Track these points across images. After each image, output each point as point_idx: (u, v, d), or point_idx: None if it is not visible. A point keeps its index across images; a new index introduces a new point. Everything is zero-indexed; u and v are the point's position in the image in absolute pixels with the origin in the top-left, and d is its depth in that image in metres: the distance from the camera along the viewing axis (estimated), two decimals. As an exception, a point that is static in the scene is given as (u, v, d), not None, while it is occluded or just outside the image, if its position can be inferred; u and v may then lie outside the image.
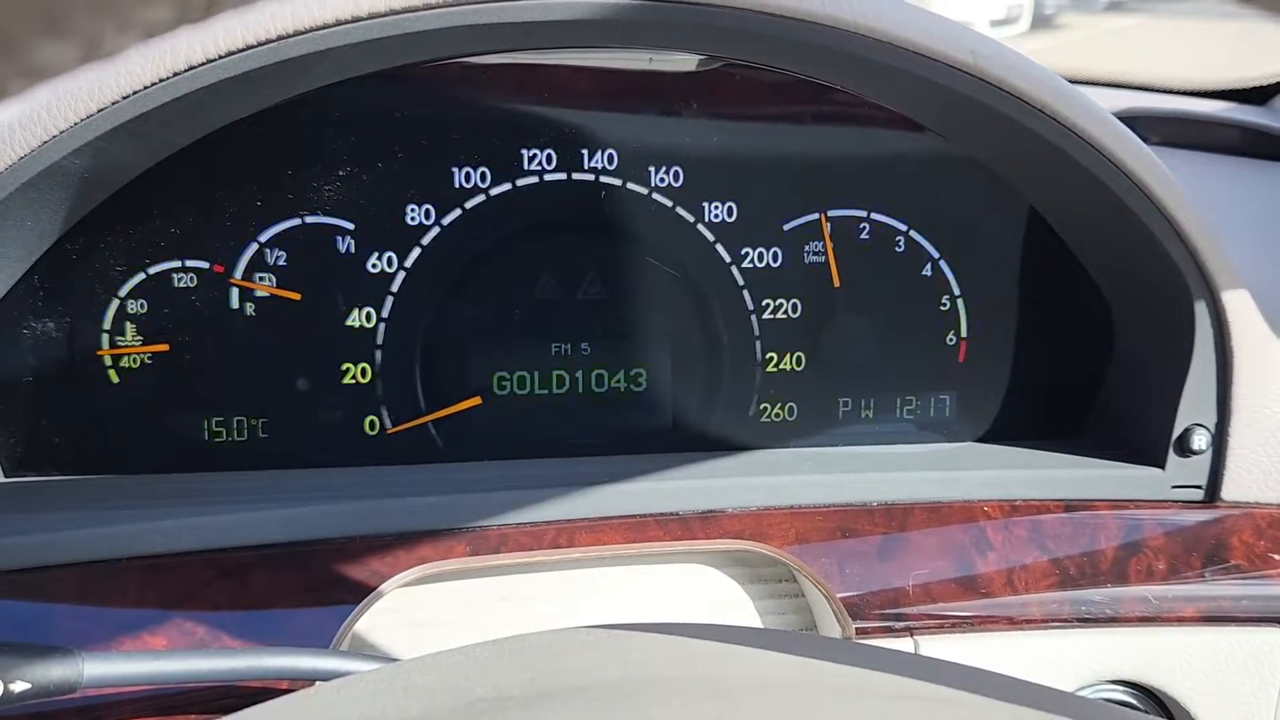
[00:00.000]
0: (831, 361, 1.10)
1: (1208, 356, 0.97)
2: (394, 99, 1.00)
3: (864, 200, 1.08)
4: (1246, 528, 0.98)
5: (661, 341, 1.08)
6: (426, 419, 1.05)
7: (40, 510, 0.88)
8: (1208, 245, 0.91)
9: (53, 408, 0.98)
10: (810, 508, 0.97)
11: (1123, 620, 0.94)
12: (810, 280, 1.08)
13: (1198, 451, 0.99)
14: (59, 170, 0.78)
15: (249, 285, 1.00)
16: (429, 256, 1.03)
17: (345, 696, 0.57)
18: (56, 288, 0.96)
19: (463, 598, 0.97)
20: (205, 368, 1.01)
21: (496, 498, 0.93)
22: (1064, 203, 1.02)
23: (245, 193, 0.99)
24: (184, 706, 0.81)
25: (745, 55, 0.94)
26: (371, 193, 1.01)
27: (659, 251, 1.06)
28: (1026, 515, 0.98)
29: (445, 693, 0.56)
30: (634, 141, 1.04)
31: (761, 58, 0.94)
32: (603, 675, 0.57)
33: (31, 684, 0.62)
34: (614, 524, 0.94)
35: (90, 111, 0.74)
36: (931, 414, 1.12)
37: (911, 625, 0.93)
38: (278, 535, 0.89)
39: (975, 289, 1.10)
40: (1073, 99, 0.85)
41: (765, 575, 1.01)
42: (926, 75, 0.84)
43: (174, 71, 0.74)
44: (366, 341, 1.03)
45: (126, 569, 0.85)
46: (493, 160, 1.02)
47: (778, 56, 0.93)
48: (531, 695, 0.54)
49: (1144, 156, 0.88)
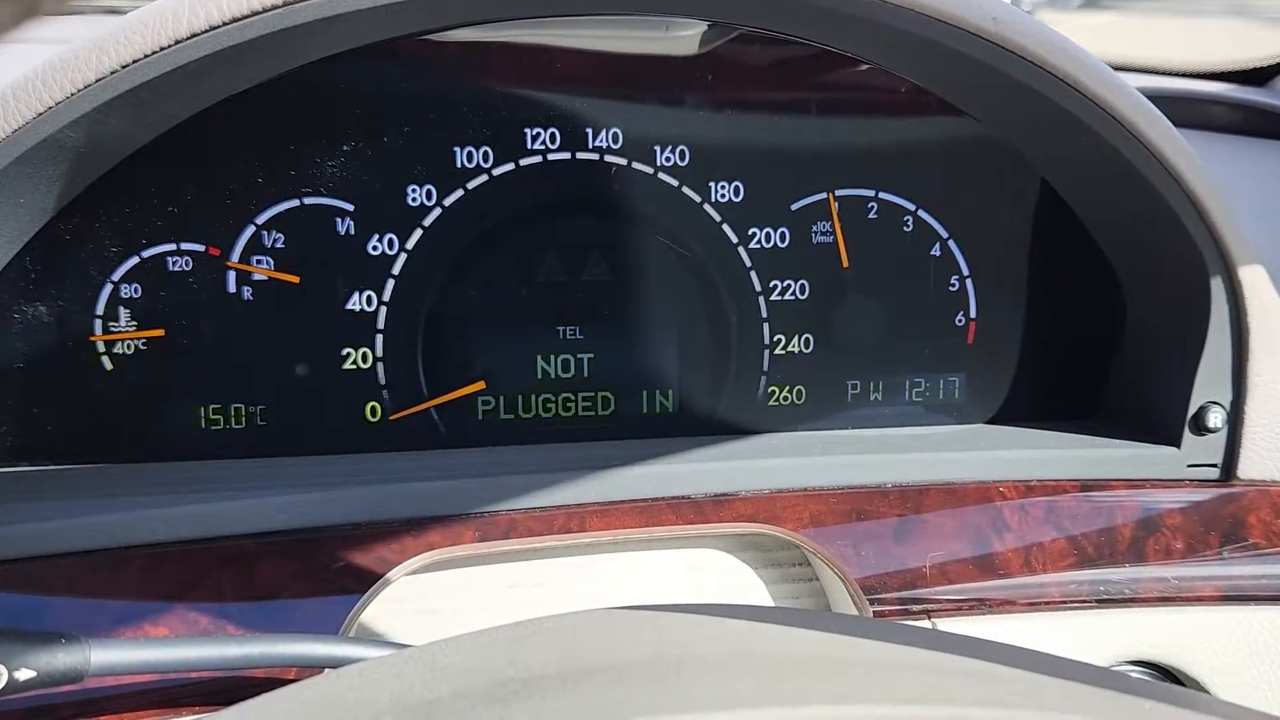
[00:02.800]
0: (840, 343, 1.08)
1: (1223, 334, 0.96)
2: (395, 76, 0.97)
3: (872, 180, 1.06)
4: (1263, 505, 0.97)
5: (668, 324, 1.06)
6: (429, 404, 1.03)
7: (35, 499, 0.86)
8: (1226, 221, 0.90)
9: (45, 395, 0.95)
10: (824, 490, 0.95)
11: (1141, 600, 0.93)
12: (818, 261, 1.07)
13: (1213, 430, 0.98)
14: (55, 143, 0.76)
15: (246, 268, 0.98)
16: (431, 238, 1.00)
17: (371, 678, 0.55)
18: (49, 270, 0.93)
19: (471, 585, 0.95)
20: (202, 353, 0.98)
21: (505, 482, 0.91)
22: (1081, 177, 1.00)
23: (242, 172, 0.96)
24: (186, 699, 0.78)
25: (762, 23, 0.92)
26: (371, 173, 0.98)
27: (665, 232, 1.04)
28: (1042, 496, 0.96)
29: (475, 673, 0.54)
30: (639, 121, 1.02)
31: (779, 25, 0.92)
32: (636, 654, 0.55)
33: (38, 672, 0.60)
34: (625, 508, 0.92)
35: (88, 81, 0.71)
36: (941, 396, 1.10)
37: (929, 607, 0.92)
38: (282, 523, 0.86)
39: (984, 269, 1.09)
40: (1095, 69, 0.84)
41: (778, 559, 1.00)
42: (946, 42, 0.82)
43: (176, 39, 0.72)
44: (367, 325, 1.01)
45: (128, 558, 0.82)
46: (495, 140, 1.00)
47: (795, 23, 0.91)
48: (566, 674, 0.52)
49: (1166, 130, 0.87)
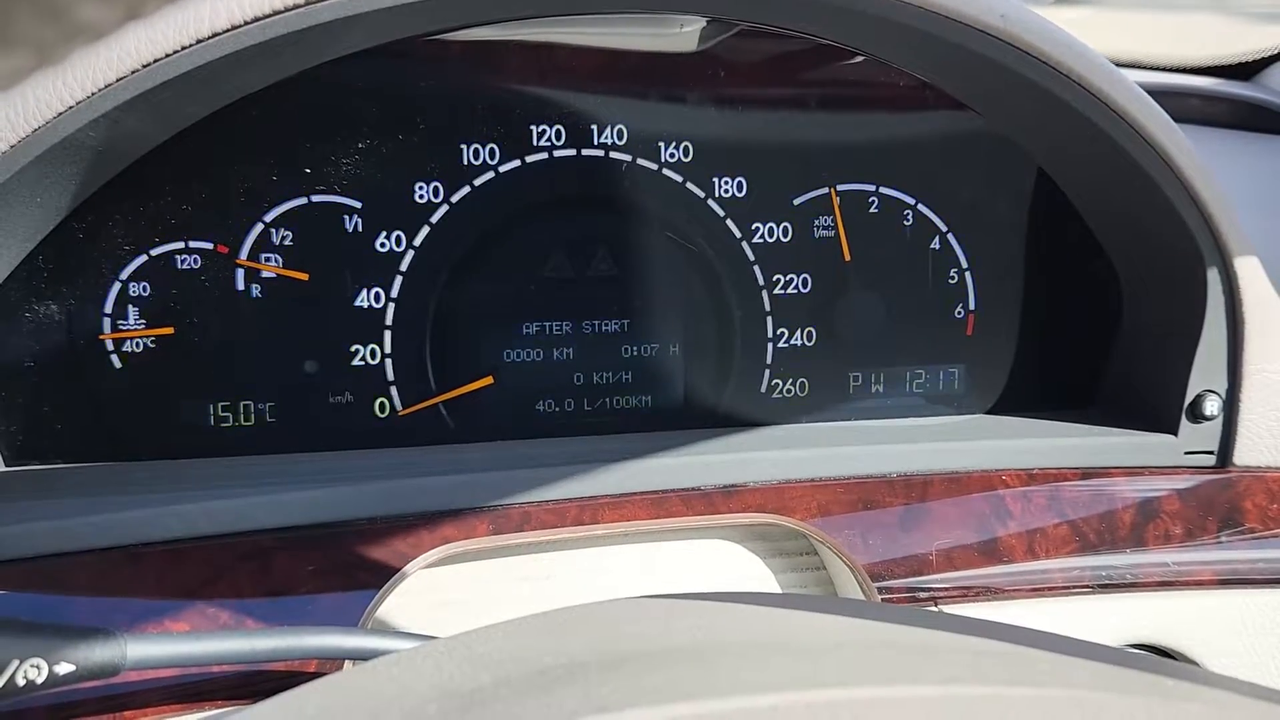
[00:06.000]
0: (842, 336, 1.10)
1: (1219, 323, 0.98)
2: (402, 75, 0.98)
3: (872, 174, 1.08)
4: (1259, 491, 0.99)
5: (672, 318, 1.07)
6: (438, 399, 1.03)
7: (50, 497, 0.86)
8: (1222, 212, 0.92)
9: (55, 394, 0.96)
10: (831, 480, 0.97)
11: (1142, 585, 0.95)
12: (820, 255, 1.08)
13: (1210, 417, 1.00)
14: (74, 143, 0.76)
15: (255, 266, 0.98)
16: (438, 235, 1.01)
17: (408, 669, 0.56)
18: (60, 269, 0.93)
19: (486, 577, 0.96)
20: (210, 351, 0.99)
21: (518, 476, 0.92)
22: (1080, 170, 1.02)
23: (250, 170, 0.97)
24: (211, 693, 0.79)
25: (774, 19, 0.93)
26: (379, 170, 0.99)
27: (670, 227, 1.05)
28: (1044, 484, 0.98)
29: (514, 662, 0.55)
30: (643, 117, 1.03)
31: (786, 20, 0.93)
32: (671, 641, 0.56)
33: (76, 665, 0.60)
34: (637, 500, 0.93)
35: (109, 80, 0.72)
36: (941, 387, 1.12)
37: (936, 594, 0.93)
38: (299, 518, 0.87)
39: (983, 262, 1.10)
40: (1098, 65, 0.85)
41: (786, 549, 1.01)
42: (955, 39, 0.84)
43: (198, 38, 0.72)
44: (375, 322, 1.01)
45: (145, 555, 0.82)
46: (502, 137, 1.01)
47: (802, 19, 0.92)
48: (606, 661, 0.53)
49: (1165, 124, 0.89)
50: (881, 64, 1.03)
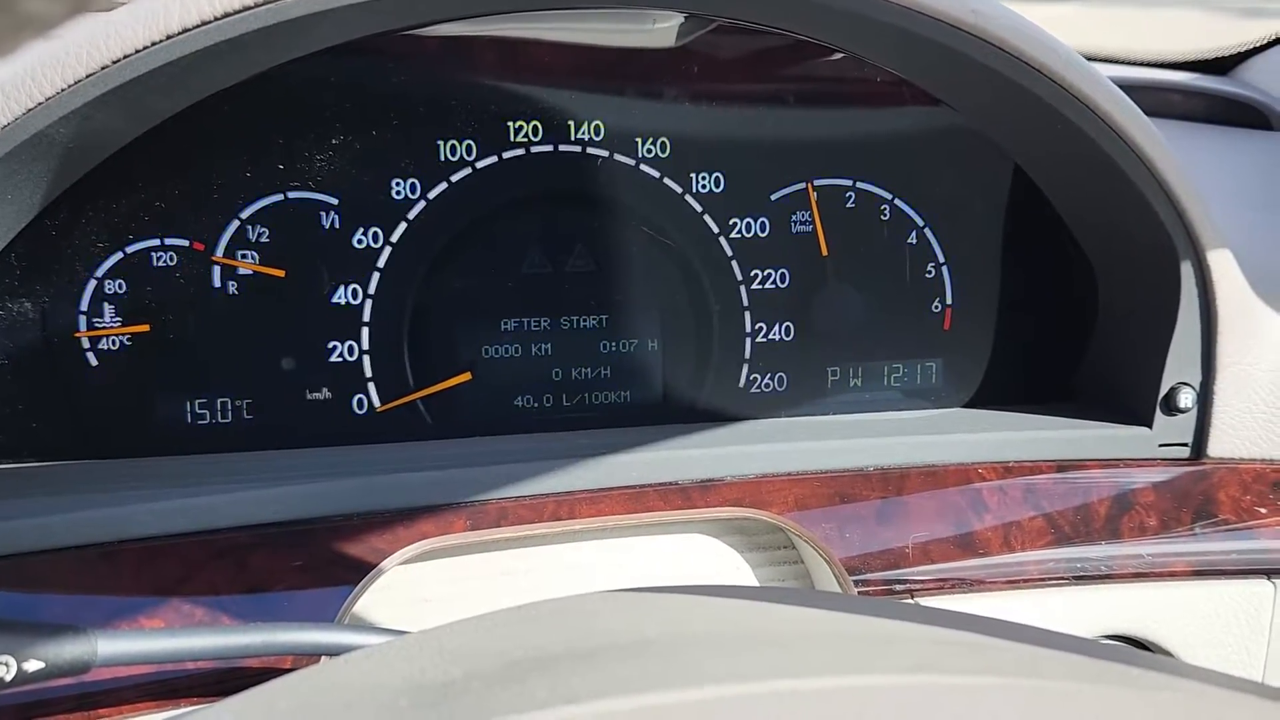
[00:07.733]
0: (819, 331, 1.10)
1: (1193, 316, 0.98)
2: (378, 71, 0.98)
3: (849, 169, 1.08)
4: (1233, 483, 1.00)
5: (651, 314, 1.07)
6: (416, 396, 1.03)
7: (24, 495, 0.85)
8: (1195, 205, 0.93)
9: (30, 392, 0.95)
10: (808, 474, 0.97)
11: (1117, 576, 0.96)
12: (798, 250, 1.08)
13: (1184, 410, 1.00)
14: (44, 139, 0.76)
15: (231, 263, 0.98)
16: (415, 231, 1.01)
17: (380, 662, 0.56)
18: (33, 266, 0.92)
19: (463, 573, 0.96)
20: (187, 348, 0.98)
21: (495, 471, 0.92)
22: (1055, 165, 1.03)
23: (226, 167, 0.96)
24: (184, 690, 0.79)
25: (747, 15, 0.93)
26: (355, 167, 0.99)
27: (647, 223, 1.05)
28: (1020, 476, 0.99)
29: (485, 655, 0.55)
30: (621, 113, 1.03)
31: (759, 16, 0.93)
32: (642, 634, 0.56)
33: (45, 663, 0.60)
34: (614, 495, 0.93)
35: (79, 76, 0.71)
36: (919, 381, 1.13)
37: (912, 587, 0.94)
38: (274, 515, 0.87)
39: (959, 257, 1.11)
40: (1070, 60, 0.86)
41: (763, 543, 1.01)
42: (927, 34, 0.84)
43: (168, 34, 0.72)
44: (353, 319, 1.01)
45: (120, 552, 0.82)
46: (478, 133, 1.01)
47: (778, 15, 0.92)
48: (576, 653, 0.53)
49: (1138, 119, 0.89)
50: (858, 60, 1.03)
